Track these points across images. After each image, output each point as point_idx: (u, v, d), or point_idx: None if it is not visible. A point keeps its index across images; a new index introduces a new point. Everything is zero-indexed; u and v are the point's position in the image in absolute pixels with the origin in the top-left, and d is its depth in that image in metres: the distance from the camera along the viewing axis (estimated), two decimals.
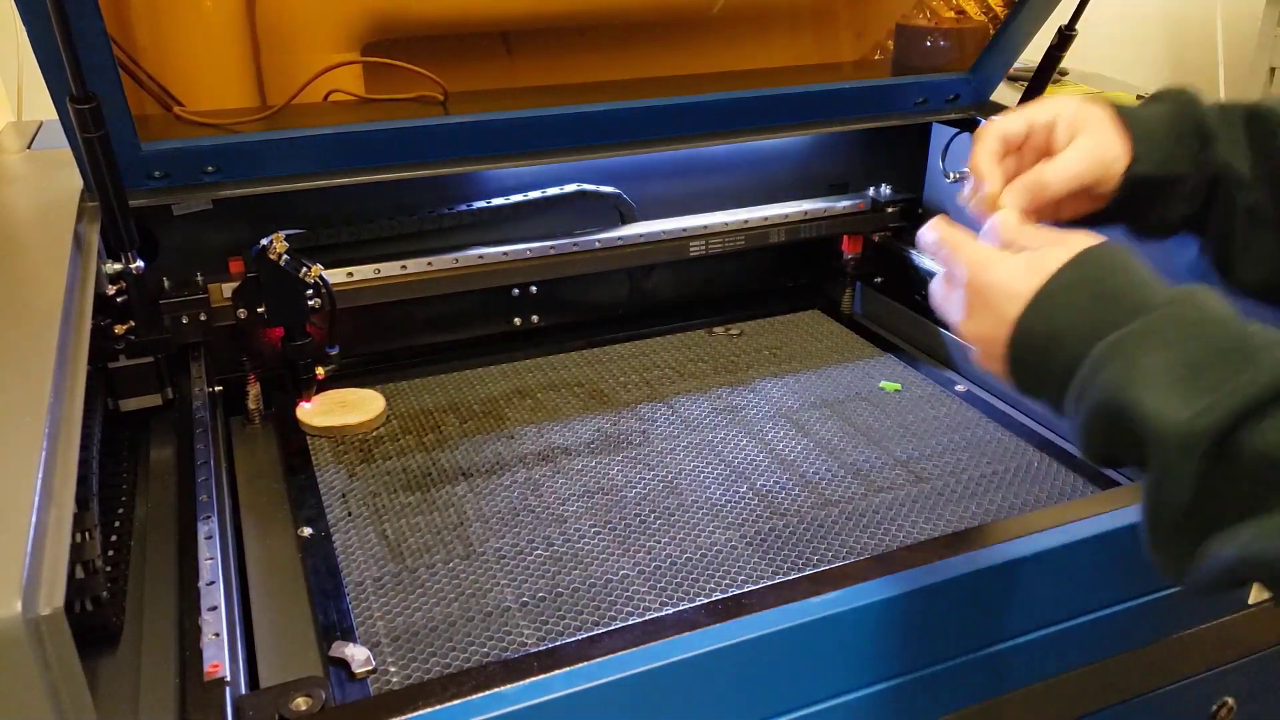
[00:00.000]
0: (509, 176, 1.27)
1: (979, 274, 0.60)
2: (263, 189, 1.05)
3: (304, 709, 0.64)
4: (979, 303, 0.60)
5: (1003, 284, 0.58)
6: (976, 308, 0.60)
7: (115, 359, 1.02)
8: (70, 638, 0.50)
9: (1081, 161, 0.68)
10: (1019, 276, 0.58)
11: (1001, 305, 0.58)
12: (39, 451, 0.57)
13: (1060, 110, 0.70)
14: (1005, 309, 0.58)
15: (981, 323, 0.61)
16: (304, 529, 0.94)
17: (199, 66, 1.15)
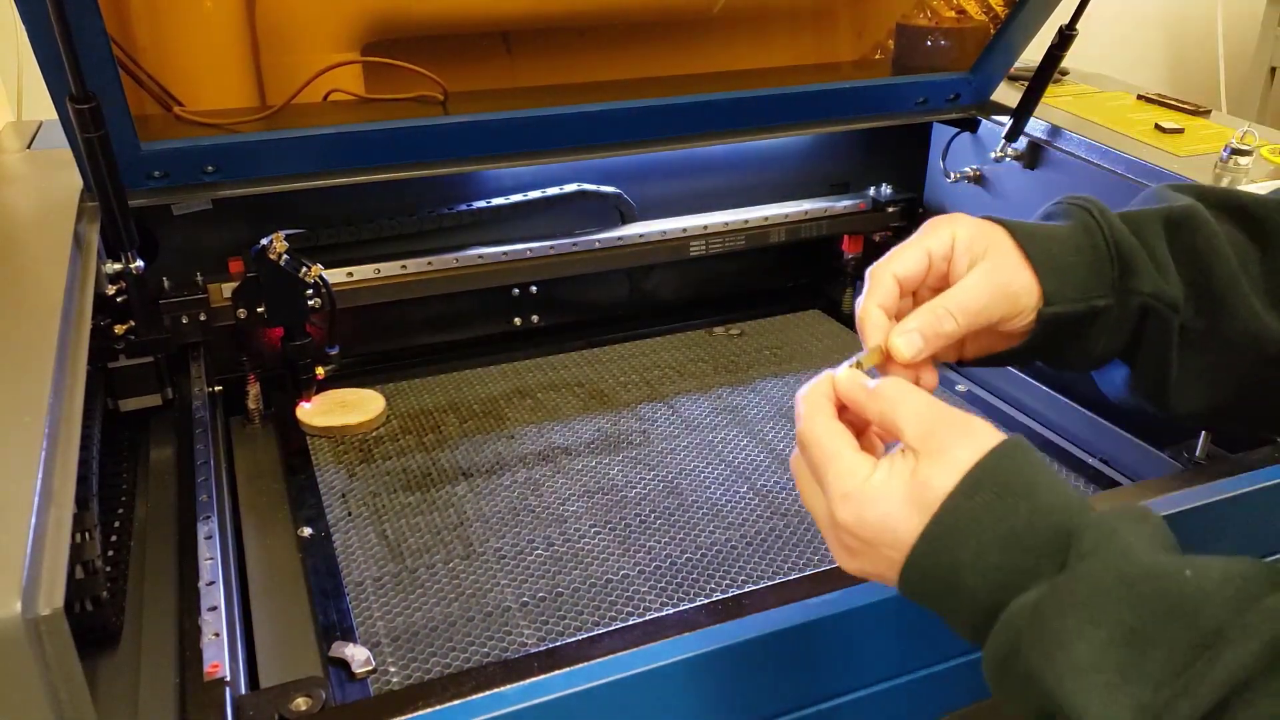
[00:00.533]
0: (509, 176, 1.27)
1: (853, 510, 0.49)
2: (262, 189, 1.05)
3: (304, 709, 0.64)
4: (855, 542, 0.50)
5: (883, 523, 0.48)
6: (854, 548, 0.50)
7: (115, 359, 1.02)
8: (70, 638, 0.50)
9: (984, 295, 0.57)
10: (899, 512, 0.47)
11: (884, 546, 0.48)
12: (39, 451, 0.57)
13: (957, 234, 0.59)
14: (889, 552, 0.48)
15: (861, 560, 0.51)
16: (304, 529, 0.94)
17: (199, 66, 1.15)
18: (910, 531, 0.47)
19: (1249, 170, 1.09)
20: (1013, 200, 1.30)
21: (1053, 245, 0.59)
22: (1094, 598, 0.42)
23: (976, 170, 1.35)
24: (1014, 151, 1.27)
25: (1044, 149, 1.24)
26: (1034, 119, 1.25)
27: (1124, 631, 0.41)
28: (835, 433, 0.51)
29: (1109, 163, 1.15)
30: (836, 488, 0.50)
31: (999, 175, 1.32)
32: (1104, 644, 0.41)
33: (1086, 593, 0.42)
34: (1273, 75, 2.47)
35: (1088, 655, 0.41)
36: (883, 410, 0.50)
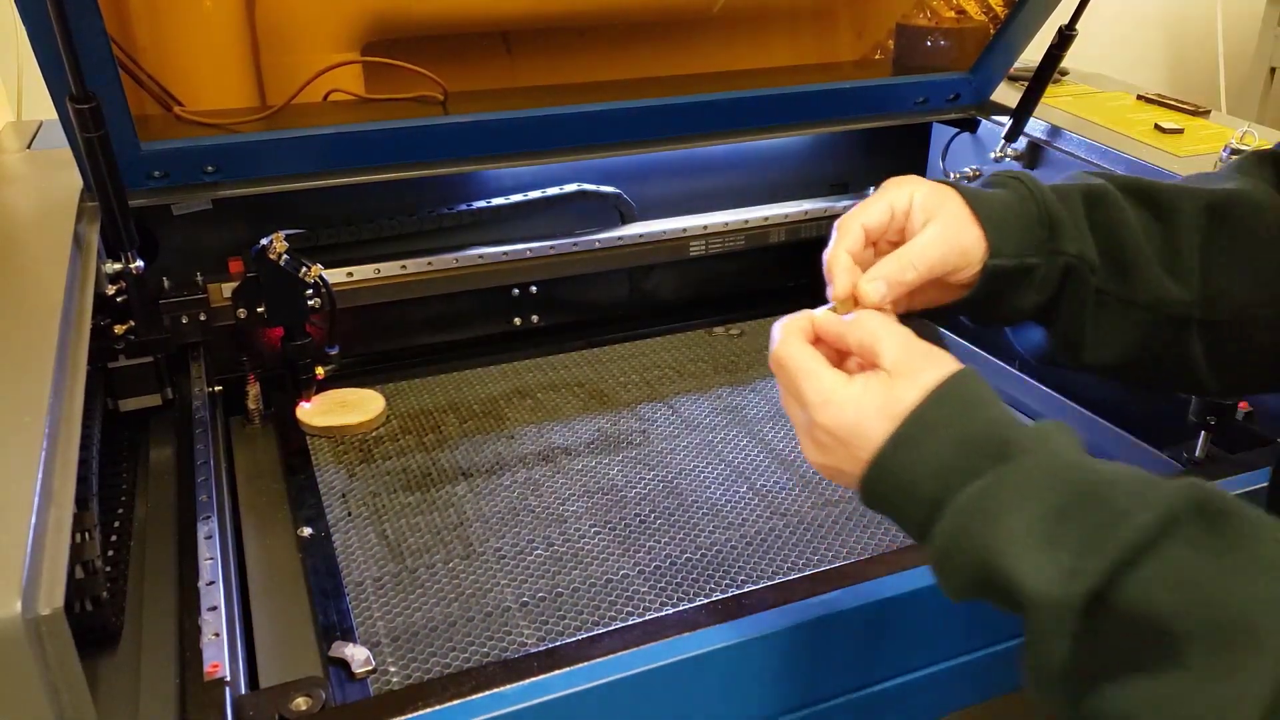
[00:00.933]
0: (509, 176, 1.27)
1: (827, 413, 0.56)
2: (262, 189, 1.05)
3: (304, 709, 0.64)
4: (829, 439, 0.57)
5: (853, 425, 0.55)
6: (826, 445, 0.57)
7: (115, 359, 1.02)
8: (70, 638, 0.50)
9: (939, 248, 0.63)
10: (871, 418, 0.54)
11: (852, 447, 0.55)
12: (39, 451, 0.57)
13: (915, 193, 0.65)
14: (856, 451, 0.55)
15: (831, 457, 0.57)
16: (304, 529, 0.94)
17: (199, 66, 1.15)
18: (880, 435, 0.54)
19: None
20: None
21: (996, 206, 0.66)
22: (1028, 483, 0.50)
23: (976, 170, 1.35)
24: (1014, 152, 1.27)
25: (1044, 149, 1.24)
26: (1034, 119, 1.25)
27: (1051, 510, 0.49)
28: (810, 354, 0.59)
29: (1109, 163, 1.15)
30: (817, 396, 0.56)
31: None
32: (1034, 518, 0.49)
33: (1023, 479, 0.50)
34: (1273, 75, 2.47)
35: (1021, 526, 0.49)
36: (862, 338, 0.57)
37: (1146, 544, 0.46)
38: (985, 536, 0.50)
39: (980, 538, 0.50)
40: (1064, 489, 0.50)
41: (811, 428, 0.58)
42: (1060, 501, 0.49)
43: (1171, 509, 0.47)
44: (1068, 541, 0.48)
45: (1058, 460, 0.51)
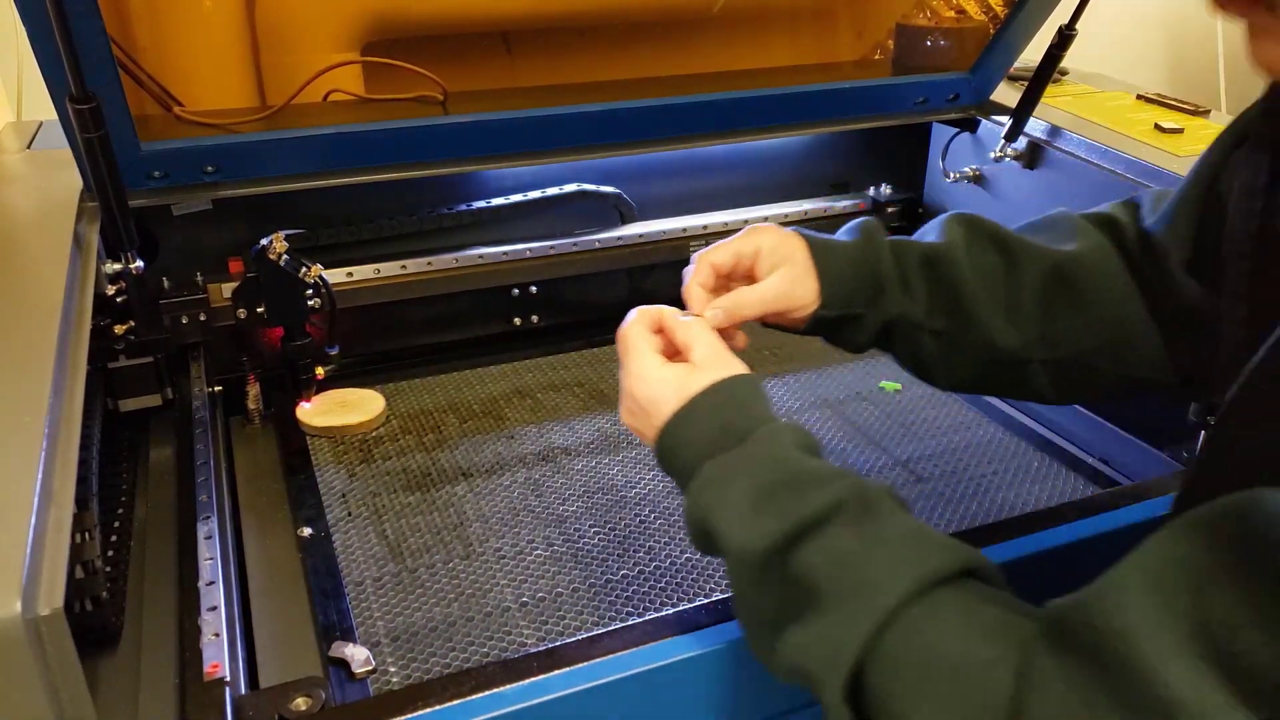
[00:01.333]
0: (509, 176, 1.27)
1: (639, 386, 0.69)
2: (262, 189, 1.05)
3: (304, 709, 0.64)
4: (636, 407, 0.70)
5: (654, 400, 0.68)
6: (634, 411, 0.71)
7: (115, 359, 1.02)
8: (70, 638, 0.50)
9: (772, 293, 0.78)
10: (667, 396, 0.67)
11: (651, 416, 0.68)
12: (39, 451, 0.57)
13: (762, 244, 0.79)
14: (653, 420, 0.68)
15: (636, 421, 0.71)
16: (304, 529, 0.94)
17: (199, 66, 1.15)
18: (670, 410, 0.67)
19: None
20: (1012, 200, 1.30)
21: (836, 262, 0.80)
22: (749, 463, 0.63)
23: (976, 170, 1.36)
24: (1013, 151, 1.27)
25: (1043, 149, 1.24)
26: (1033, 119, 1.25)
27: (761, 486, 0.61)
28: (646, 337, 0.72)
29: (1108, 163, 1.15)
30: (636, 369, 0.70)
31: (998, 175, 1.32)
32: (745, 491, 0.61)
33: (746, 461, 0.63)
34: None
35: (735, 496, 0.61)
36: (685, 338, 0.71)
37: (816, 520, 0.58)
38: (712, 499, 0.62)
39: (708, 500, 0.62)
40: (774, 472, 0.62)
41: (626, 395, 0.71)
42: (768, 481, 0.61)
43: (839, 498, 0.59)
44: (767, 511, 0.60)
45: (778, 450, 0.63)
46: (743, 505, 0.61)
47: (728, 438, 0.65)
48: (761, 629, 0.60)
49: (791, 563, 0.58)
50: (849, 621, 0.55)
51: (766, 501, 0.60)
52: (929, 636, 0.53)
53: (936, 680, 0.51)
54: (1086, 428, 1.12)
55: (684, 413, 0.67)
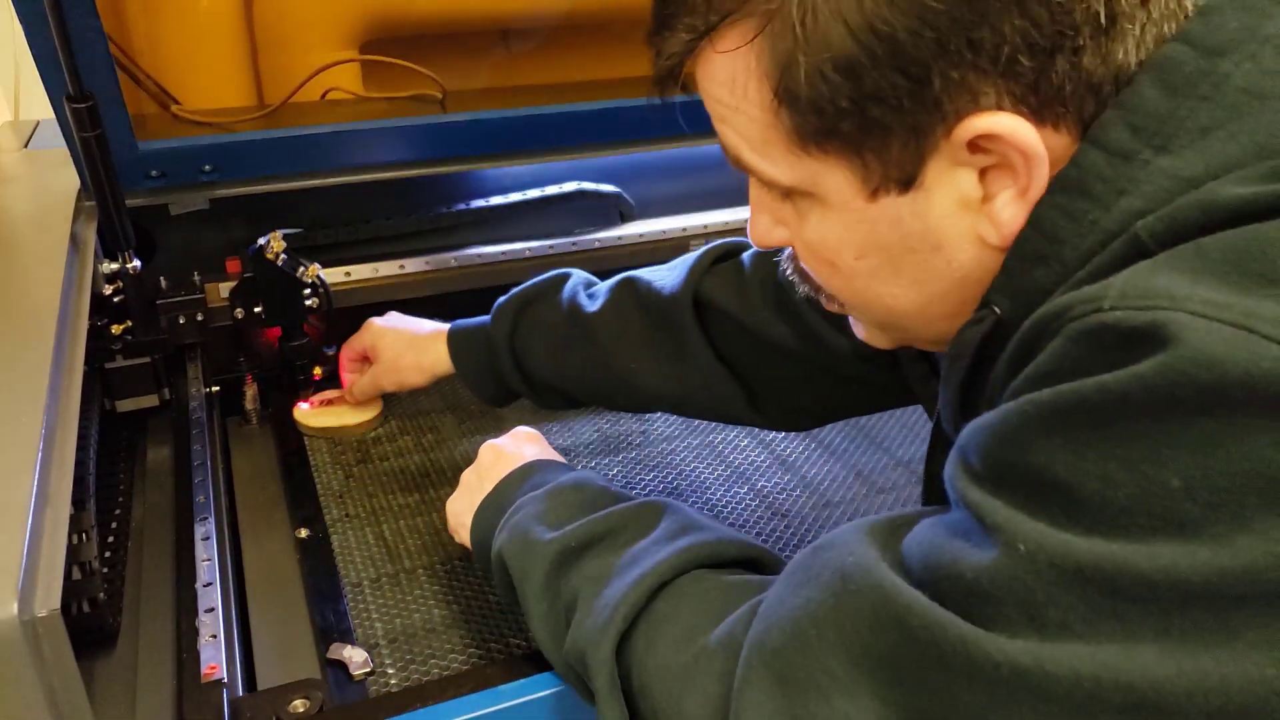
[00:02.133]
0: (508, 176, 1.27)
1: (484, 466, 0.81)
2: (260, 188, 1.04)
3: (301, 711, 0.64)
4: (475, 481, 0.80)
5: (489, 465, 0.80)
6: (471, 486, 0.80)
7: (112, 359, 1.02)
8: (67, 639, 0.50)
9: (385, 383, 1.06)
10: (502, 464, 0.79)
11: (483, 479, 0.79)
12: (35, 452, 0.57)
13: (378, 343, 1.05)
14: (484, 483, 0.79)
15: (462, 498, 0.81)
16: (301, 530, 0.93)
17: (196, 65, 1.15)
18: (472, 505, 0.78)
19: None
20: None
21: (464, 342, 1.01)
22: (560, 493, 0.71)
23: None
24: None
25: None
26: None
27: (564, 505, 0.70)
28: None
29: None
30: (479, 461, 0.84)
31: None
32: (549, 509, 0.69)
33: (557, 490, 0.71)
34: None
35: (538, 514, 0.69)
36: None
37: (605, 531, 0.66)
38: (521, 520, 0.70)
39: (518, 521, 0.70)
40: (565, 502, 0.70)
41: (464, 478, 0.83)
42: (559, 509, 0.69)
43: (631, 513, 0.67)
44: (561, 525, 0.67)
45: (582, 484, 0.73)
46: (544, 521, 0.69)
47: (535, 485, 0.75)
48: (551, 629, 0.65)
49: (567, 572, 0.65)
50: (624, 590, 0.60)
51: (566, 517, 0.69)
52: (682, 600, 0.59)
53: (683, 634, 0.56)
54: None
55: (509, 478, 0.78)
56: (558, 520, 0.67)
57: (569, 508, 0.69)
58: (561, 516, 0.68)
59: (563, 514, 0.68)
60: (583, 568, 0.64)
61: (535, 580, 0.65)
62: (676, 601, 0.59)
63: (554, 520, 0.68)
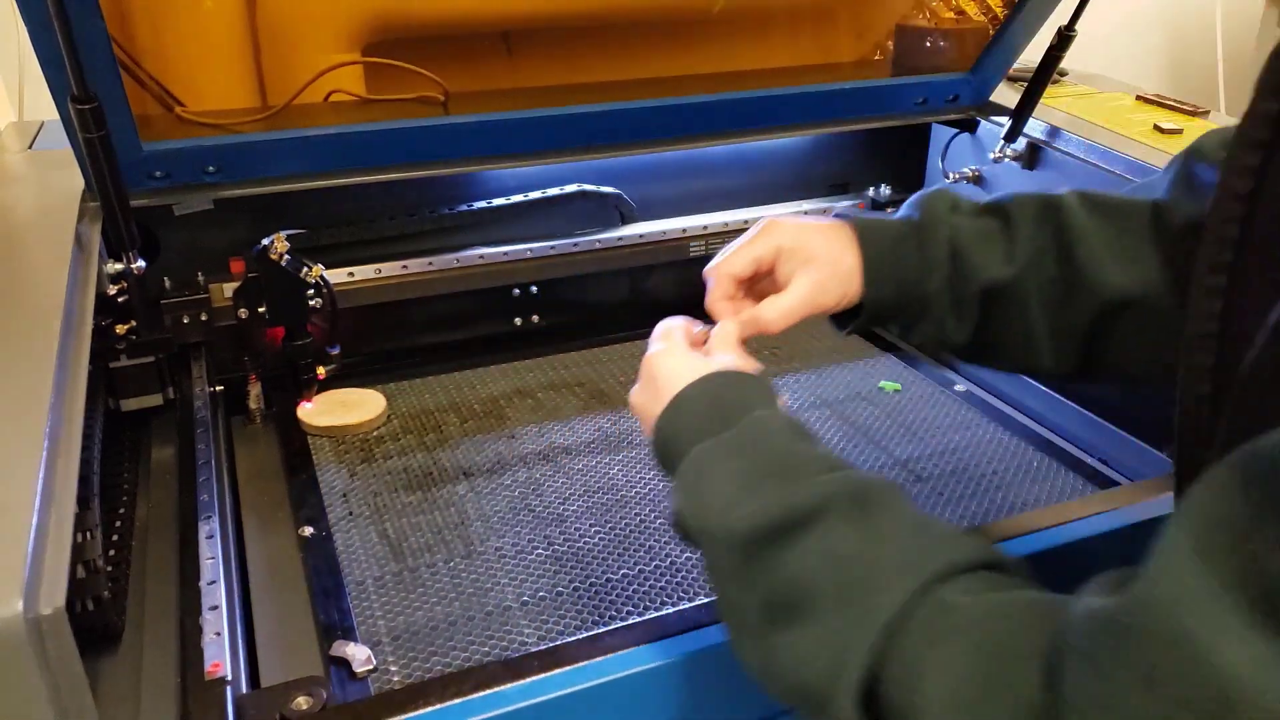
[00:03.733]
0: (509, 176, 1.27)
1: (657, 359, 0.69)
2: (264, 189, 1.05)
3: (305, 708, 0.64)
4: (649, 380, 0.69)
5: (665, 375, 0.67)
6: (646, 383, 0.69)
7: (116, 359, 1.02)
8: (71, 637, 0.50)
9: (798, 300, 0.74)
10: (680, 374, 0.66)
11: (659, 390, 0.67)
12: (40, 451, 0.57)
13: (781, 243, 0.75)
14: (660, 394, 0.66)
15: (643, 396, 0.69)
16: (305, 528, 0.94)
17: (200, 67, 1.15)
18: (675, 388, 0.65)
19: None
20: None
21: (882, 240, 0.74)
22: (738, 444, 0.60)
23: (975, 171, 1.36)
24: (1013, 152, 1.27)
25: (1043, 149, 1.24)
26: (1033, 119, 1.25)
27: (747, 468, 0.58)
28: (682, 326, 0.74)
29: (1108, 163, 1.15)
30: (660, 348, 0.70)
31: (998, 176, 1.33)
32: (732, 472, 0.58)
33: (734, 442, 0.60)
34: None
35: (721, 476, 0.58)
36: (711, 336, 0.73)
37: (808, 512, 0.54)
38: (695, 484, 0.60)
39: (692, 485, 0.60)
40: (761, 456, 0.59)
41: (644, 374, 0.70)
42: (754, 465, 0.58)
43: (833, 490, 0.55)
44: (754, 495, 0.56)
45: (762, 434, 0.60)
46: (727, 489, 0.57)
47: (715, 422, 0.62)
48: (744, 632, 0.56)
49: (780, 559, 0.54)
50: (853, 627, 0.50)
51: (753, 486, 0.57)
52: (944, 637, 0.47)
53: (958, 685, 0.46)
54: (1086, 428, 1.12)
55: (684, 393, 0.64)
56: (745, 484, 0.57)
57: (756, 466, 0.58)
58: (749, 479, 0.58)
59: (749, 475, 0.58)
60: (783, 561, 0.54)
61: (722, 567, 0.57)
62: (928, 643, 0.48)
63: (740, 484, 0.57)
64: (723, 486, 0.58)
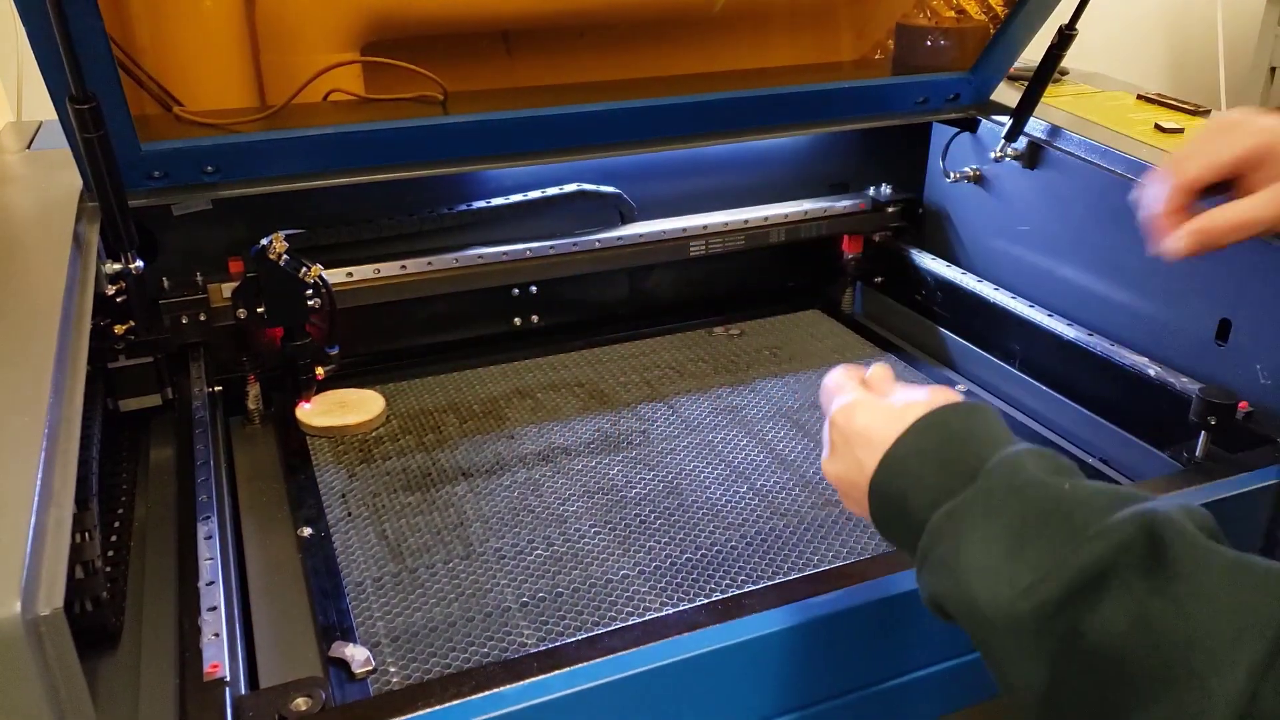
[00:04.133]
0: (509, 176, 1.27)
1: (845, 412, 0.62)
2: (262, 189, 1.05)
3: (304, 709, 0.64)
4: (841, 443, 0.62)
5: (863, 433, 0.59)
6: (839, 448, 0.62)
7: (115, 359, 1.02)
8: (70, 638, 0.50)
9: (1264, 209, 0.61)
10: (879, 425, 0.58)
11: (859, 452, 0.59)
12: (38, 452, 0.57)
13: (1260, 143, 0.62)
14: (862, 456, 0.59)
15: (841, 463, 0.62)
16: (304, 529, 0.94)
17: (198, 66, 1.15)
18: (886, 439, 0.57)
19: None
20: (1012, 201, 1.30)
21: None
22: (989, 501, 0.51)
23: (976, 170, 1.35)
24: (1014, 151, 1.27)
25: (1044, 149, 1.24)
26: (1034, 119, 1.25)
27: (1011, 527, 0.49)
28: (850, 374, 0.66)
29: (1109, 163, 1.15)
30: (841, 400, 0.63)
31: (999, 175, 1.32)
32: (993, 536, 0.49)
33: (984, 498, 0.51)
34: (1272, 75, 2.47)
35: (980, 544, 0.49)
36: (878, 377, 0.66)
37: (1100, 569, 0.45)
38: (949, 556, 0.51)
39: (947, 557, 0.51)
40: (1024, 506, 0.49)
41: (830, 427, 0.63)
42: (1019, 519, 0.49)
43: (1124, 534, 0.46)
44: (1025, 558, 0.47)
45: (1019, 478, 0.51)
46: (992, 559, 0.48)
47: (951, 477, 0.53)
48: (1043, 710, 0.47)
49: (1077, 630, 0.45)
50: (1188, 714, 0.41)
51: (1023, 548, 0.47)
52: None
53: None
54: (1086, 428, 1.12)
55: (899, 451, 0.56)
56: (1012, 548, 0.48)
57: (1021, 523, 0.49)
58: (1016, 541, 0.48)
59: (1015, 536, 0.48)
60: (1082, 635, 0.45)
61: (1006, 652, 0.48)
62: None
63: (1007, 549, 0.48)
64: (985, 558, 0.49)
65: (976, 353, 1.28)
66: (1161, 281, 1.10)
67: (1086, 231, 1.19)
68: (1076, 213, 1.20)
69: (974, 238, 1.38)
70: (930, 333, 1.36)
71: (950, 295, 1.35)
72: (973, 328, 1.30)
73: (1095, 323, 1.17)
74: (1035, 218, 1.27)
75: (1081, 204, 1.20)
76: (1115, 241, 1.15)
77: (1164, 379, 1.04)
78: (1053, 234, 1.24)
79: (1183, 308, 1.06)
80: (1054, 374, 1.18)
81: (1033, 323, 1.22)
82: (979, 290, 1.29)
